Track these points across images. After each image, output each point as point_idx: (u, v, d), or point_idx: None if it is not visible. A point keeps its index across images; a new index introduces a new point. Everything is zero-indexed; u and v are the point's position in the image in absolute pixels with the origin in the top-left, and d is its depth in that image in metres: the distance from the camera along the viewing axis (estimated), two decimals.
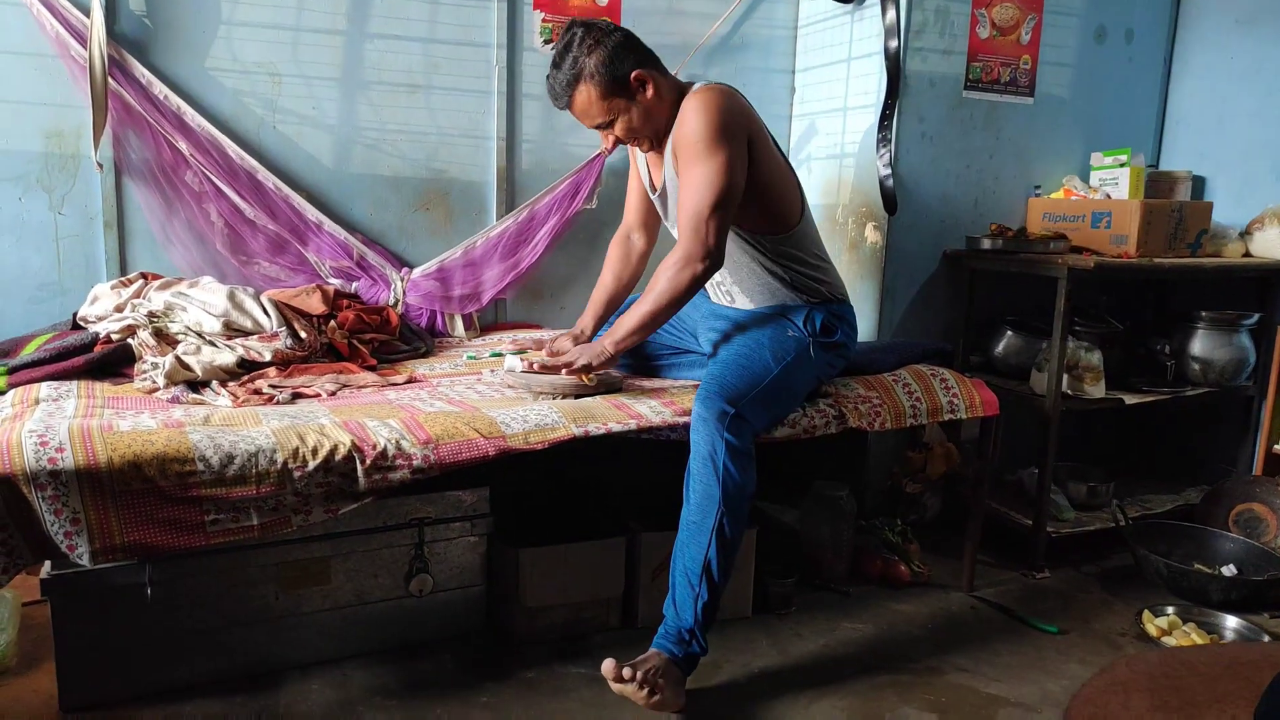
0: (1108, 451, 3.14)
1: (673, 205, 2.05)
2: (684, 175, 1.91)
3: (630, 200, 2.29)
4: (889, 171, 2.62)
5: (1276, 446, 2.69)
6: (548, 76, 1.96)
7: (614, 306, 2.25)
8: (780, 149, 2.07)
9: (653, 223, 2.28)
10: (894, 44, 2.55)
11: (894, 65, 2.57)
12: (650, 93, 1.93)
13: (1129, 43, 2.93)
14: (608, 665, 1.67)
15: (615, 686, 1.67)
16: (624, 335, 1.95)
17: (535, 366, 2.01)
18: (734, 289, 2.13)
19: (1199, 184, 2.94)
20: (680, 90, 1.99)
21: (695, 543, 1.76)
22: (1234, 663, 0.88)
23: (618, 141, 2.06)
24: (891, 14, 2.54)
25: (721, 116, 1.86)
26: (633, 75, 1.91)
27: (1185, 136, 3.00)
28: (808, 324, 2.03)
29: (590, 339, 2.15)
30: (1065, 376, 2.48)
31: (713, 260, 1.88)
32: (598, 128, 1.98)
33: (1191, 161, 2.96)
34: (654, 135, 2.00)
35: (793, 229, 2.04)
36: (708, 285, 2.13)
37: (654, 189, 2.14)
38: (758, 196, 1.95)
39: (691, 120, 1.87)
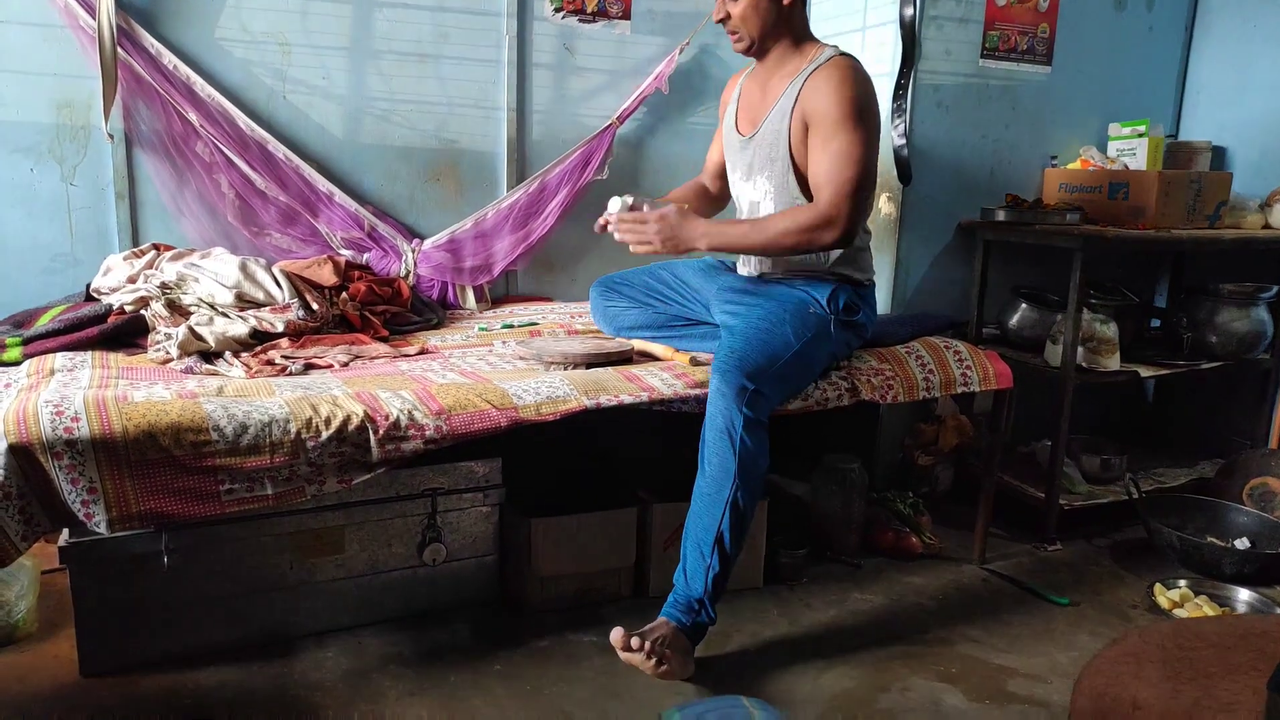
0: (1122, 424, 3.13)
1: (769, 147, 2.03)
2: (825, 142, 1.91)
3: (711, 157, 2.34)
4: (904, 141, 2.59)
5: None
6: None
7: (696, 198, 2.28)
8: None
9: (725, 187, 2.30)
10: (909, 12, 2.51)
11: (909, 33, 2.53)
12: (786, 3, 1.95)
13: (1149, 10, 2.88)
14: (616, 634, 1.69)
15: (623, 655, 1.69)
16: (721, 244, 1.98)
17: (638, 204, 2.02)
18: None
19: (1219, 155, 2.89)
20: (807, 36, 2.02)
21: (709, 514, 1.77)
22: (1247, 634, 0.88)
23: (723, 22, 2.01)
24: None
25: (868, 92, 1.92)
26: None
27: (1205, 106, 2.96)
28: (831, 302, 2.01)
29: None
30: (1080, 349, 2.46)
31: (846, 236, 1.91)
32: None
33: (1211, 132, 2.91)
34: (755, 38, 1.99)
35: None
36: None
37: (745, 135, 2.10)
38: None
39: (837, 90, 1.89)
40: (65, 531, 1.64)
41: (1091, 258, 2.39)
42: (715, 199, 2.36)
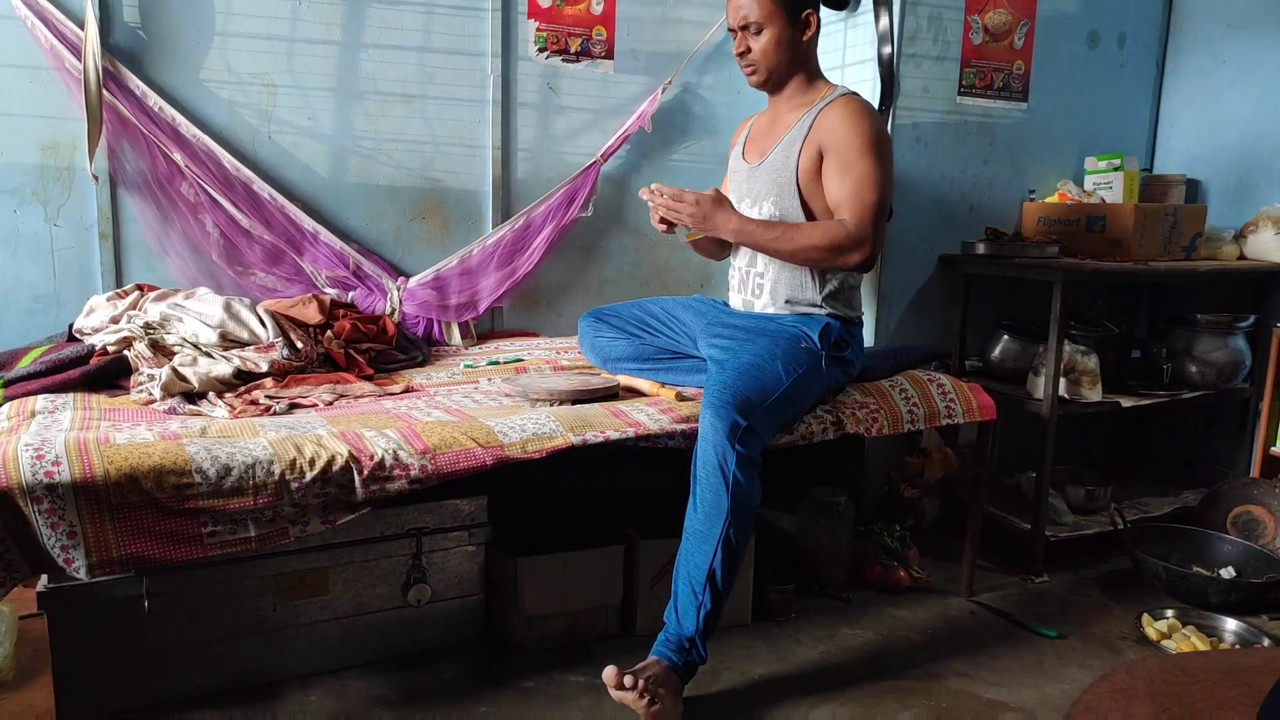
0: (1105, 455, 3.14)
1: (777, 175, 2.09)
2: (846, 168, 1.97)
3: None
4: None
5: (1273, 448, 2.69)
6: None
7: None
8: None
9: None
10: (887, 50, 2.56)
11: (888, 71, 2.57)
12: (805, 36, 2.05)
13: (1121, 47, 2.94)
14: (609, 672, 1.67)
15: (616, 694, 1.67)
16: (750, 241, 2.03)
17: (656, 190, 2.05)
18: (766, 281, 2.13)
19: (1193, 187, 2.95)
20: (817, 72, 2.11)
21: (700, 551, 1.76)
22: (1234, 669, 0.88)
23: (742, 57, 2.08)
24: (885, 20, 2.55)
25: (883, 128, 1.99)
26: (807, 11, 2.03)
27: (1179, 140, 3.01)
28: (823, 338, 2.02)
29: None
30: (1062, 380, 2.48)
31: (870, 258, 1.97)
32: (743, 29, 2.05)
33: (1185, 165, 2.97)
34: (771, 71, 2.07)
35: None
36: (737, 276, 2.21)
37: (753, 164, 2.16)
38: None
39: (856, 123, 1.97)
40: (44, 577, 1.62)
41: (1071, 290, 2.42)
42: (723, 242, 2.36)
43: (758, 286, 2.16)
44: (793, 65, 2.07)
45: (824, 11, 2.78)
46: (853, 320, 2.13)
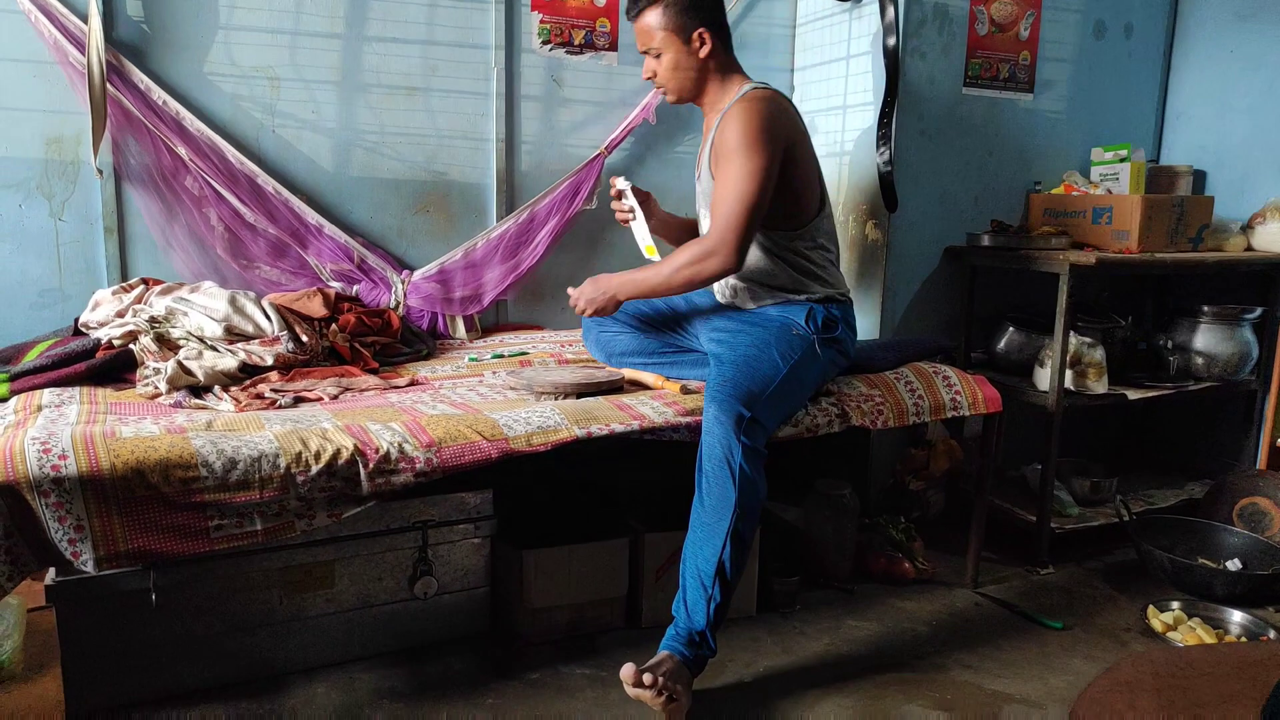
0: (1111, 447, 3.14)
1: (702, 192, 2.15)
2: (720, 174, 1.98)
3: None
4: (889, 169, 2.61)
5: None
6: None
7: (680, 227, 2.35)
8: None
9: None
10: (892, 41, 2.55)
11: (893, 63, 2.56)
12: (703, 53, 2.04)
13: (1128, 38, 2.93)
14: (627, 670, 1.65)
15: (633, 692, 1.66)
16: (634, 291, 2.08)
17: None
18: (737, 282, 2.15)
19: (1200, 178, 2.93)
20: (732, 76, 2.09)
21: (709, 544, 1.76)
22: (1240, 663, 0.88)
23: (651, 79, 2.13)
24: (890, 11, 2.54)
25: (761, 124, 1.94)
26: (699, 30, 2.02)
27: (1186, 131, 3.00)
28: (810, 321, 2.04)
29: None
30: (1068, 372, 2.48)
31: (734, 263, 1.97)
32: (645, 53, 2.09)
33: (1192, 156, 2.95)
34: (679, 89, 2.10)
35: (805, 225, 2.07)
36: (716, 283, 2.19)
37: (698, 177, 2.19)
38: (783, 196, 2.01)
39: (733, 125, 1.95)
40: (52, 570, 1.63)
41: (1077, 282, 2.41)
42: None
43: (729, 286, 2.18)
44: (699, 80, 2.08)
45: (828, 2, 2.80)
46: (835, 299, 2.12)
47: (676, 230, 2.33)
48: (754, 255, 2.08)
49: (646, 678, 1.64)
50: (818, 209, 2.10)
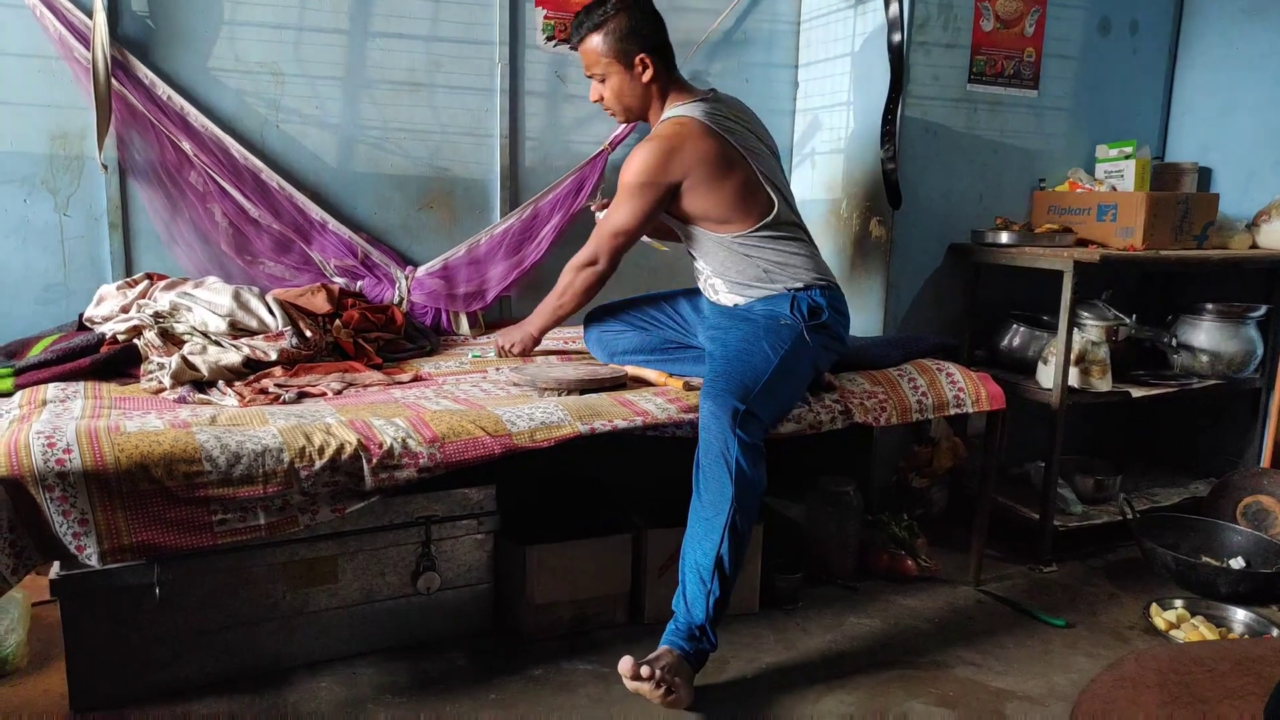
0: (1114, 445, 3.13)
1: None
2: (614, 198, 2.13)
3: None
4: (893, 165, 2.61)
5: None
6: (578, 11, 2.14)
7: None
8: (765, 145, 2.16)
9: None
10: (897, 38, 2.54)
11: (897, 59, 2.56)
12: (645, 77, 2.10)
13: (1133, 34, 2.92)
14: (625, 663, 1.67)
15: (631, 684, 1.67)
16: (545, 321, 2.29)
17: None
18: (715, 280, 2.17)
19: (1205, 175, 2.92)
20: (670, 96, 2.14)
21: (707, 539, 1.77)
22: (1243, 659, 0.88)
23: (600, 101, 2.19)
24: (894, 8, 2.53)
25: (654, 157, 2.02)
26: (639, 55, 2.08)
27: (1191, 128, 2.99)
28: (794, 310, 2.05)
29: None
30: (1072, 370, 2.47)
31: (609, 270, 2.16)
32: (591, 77, 2.16)
33: (1197, 153, 2.95)
34: (625, 111, 2.17)
35: (760, 224, 2.07)
36: (699, 277, 2.24)
37: None
38: (713, 208, 2.07)
39: (629, 164, 2.06)
40: (56, 564, 1.63)
41: (1081, 279, 2.41)
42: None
43: (710, 285, 2.20)
44: (644, 102, 2.14)
45: (832, 0, 2.80)
46: (817, 286, 2.11)
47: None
48: (720, 254, 2.11)
49: (644, 670, 1.65)
50: (768, 208, 2.08)
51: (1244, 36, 2.82)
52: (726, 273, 2.13)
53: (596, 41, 2.08)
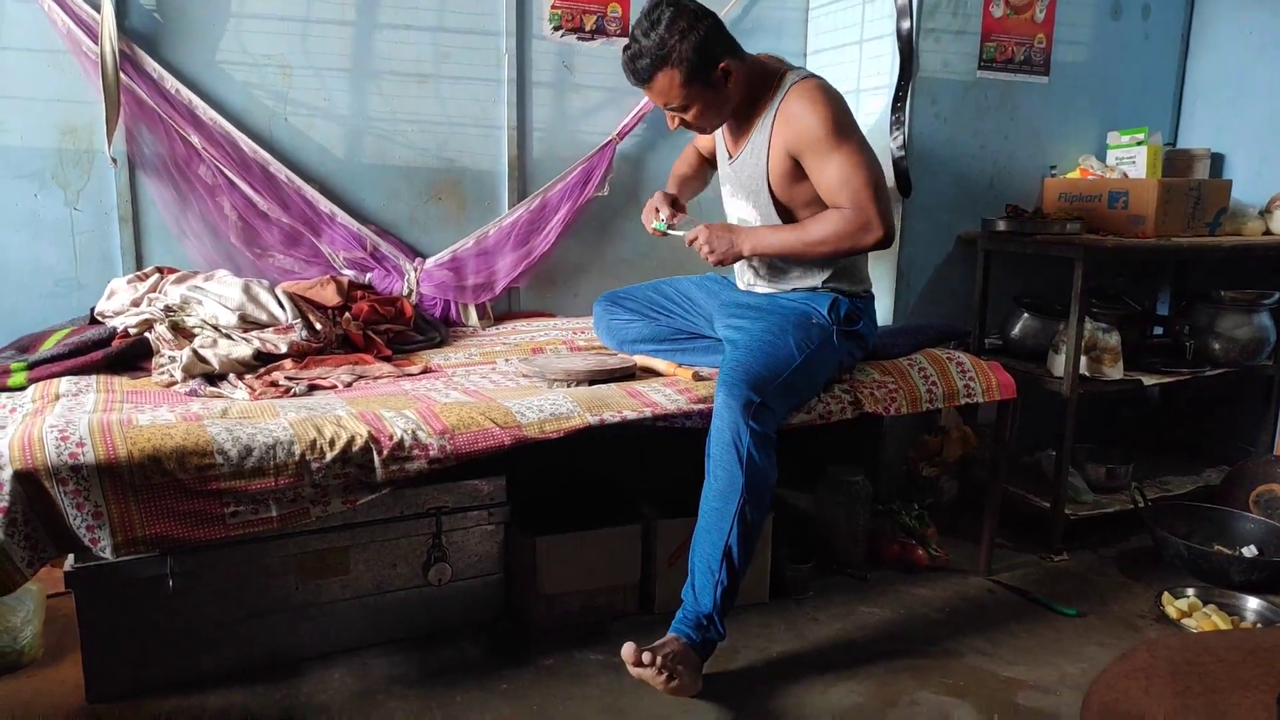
0: (1126, 433, 3.12)
1: (748, 179, 2.06)
2: (824, 162, 1.91)
3: (703, 141, 2.32)
4: (903, 153, 2.60)
5: None
6: (626, 49, 1.91)
7: (690, 186, 2.34)
8: None
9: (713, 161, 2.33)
10: (906, 25, 2.53)
11: (906, 46, 2.54)
12: (730, 83, 1.93)
13: (1145, 19, 2.89)
14: (628, 649, 1.68)
15: (634, 670, 1.68)
16: (765, 248, 2.02)
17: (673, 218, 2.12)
18: (762, 264, 2.13)
19: (1218, 161, 2.90)
20: (758, 69, 1.98)
21: (717, 528, 1.77)
22: (1256, 649, 0.88)
23: (682, 124, 2.00)
24: None
25: (839, 107, 1.92)
26: (720, 66, 1.89)
27: (1203, 113, 2.96)
28: (832, 312, 2.02)
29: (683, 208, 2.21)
30: (1083, 358, 2.46)
31: (887, 235, 1.92)
32: (669, 109, 1.97)
33: (1210, 138, 2.92)
34: (718, 124, 2.03)
35: None
36: (737, 265, 2.19)
37: (730, 156, 2.11)
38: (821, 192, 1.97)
39: (813, 116, 1.89)
40: (70, 556, 1.64)
41: (1093, 266, 2.39)
42: (706, 163, 2.38)
43: (755, 270, 2.16)
44: (729, 101, 1.96)
45: None
46: (860, 294, 2.11)
47: (695, 184, 2.36)
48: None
49: (646, 657, 1.66)
50: None
51: (1257, 20, 2.79)
52: (783, 261, 2.08)
53: (666, 77, 1.87)
